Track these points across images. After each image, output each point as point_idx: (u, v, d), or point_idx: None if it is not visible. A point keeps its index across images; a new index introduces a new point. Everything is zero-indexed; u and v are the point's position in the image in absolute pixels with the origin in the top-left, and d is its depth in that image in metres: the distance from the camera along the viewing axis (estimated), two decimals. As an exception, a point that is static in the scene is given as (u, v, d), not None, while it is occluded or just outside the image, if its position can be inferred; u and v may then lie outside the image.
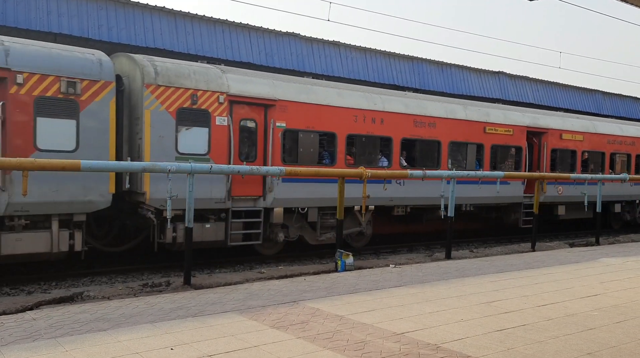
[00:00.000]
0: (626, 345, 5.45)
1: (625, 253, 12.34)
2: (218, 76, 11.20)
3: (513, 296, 7.53)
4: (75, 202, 9.55)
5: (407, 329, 5.78)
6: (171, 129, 10.48)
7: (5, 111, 8.89)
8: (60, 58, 9.56)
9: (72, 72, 9.53)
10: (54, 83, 9.32)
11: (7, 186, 8.94)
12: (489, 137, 15.67)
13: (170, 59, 11.43)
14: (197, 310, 6.39)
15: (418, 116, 14.17)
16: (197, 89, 10.78)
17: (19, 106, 9.03)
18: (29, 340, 5.18)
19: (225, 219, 11.27)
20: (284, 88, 12.06)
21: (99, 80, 9.77)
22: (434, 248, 15.08)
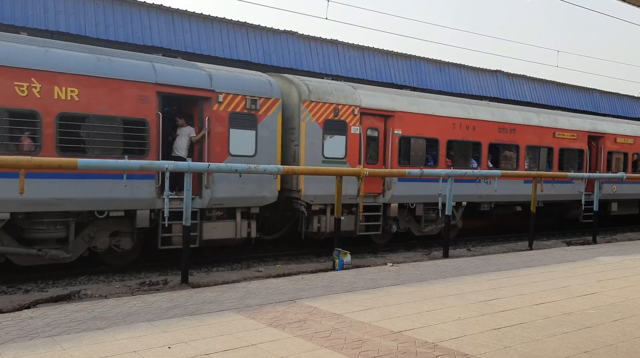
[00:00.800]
0: (623, 343, 5.47)
1: (622, 252, 12.37)
2: (352, 92, 13.37)
3: (510, 294, 7.54)
4: (253, 197, 11.73)
5: (404, 327, 5.79)
6: (319, 137, 12.60)
7: (210, 124, 11.06)
8: (245, 80, 11.73)
9: (253, 91, 11.70)
10: (241, 101, 11.50)
11: (210, 185, 11.00)
12: (558, 141, 17.70)
13: (316, 79, 13.66)
14: (194, 309, 6.39)
15: (501, 123, 16.14)
16: (338, 103, 12.95)
17: (219, 119, 11.19)
18: (26, 338, 5.18)
19: (355, 213, 13.20)
20: (399, 101, 14.11)
21: (271, 97, 11.92)
22: (432, 247, 15.10)
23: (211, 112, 11.08)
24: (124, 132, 10.07)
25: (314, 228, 12.74)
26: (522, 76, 24.37)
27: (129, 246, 10.80)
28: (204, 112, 11.15)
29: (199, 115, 11.25)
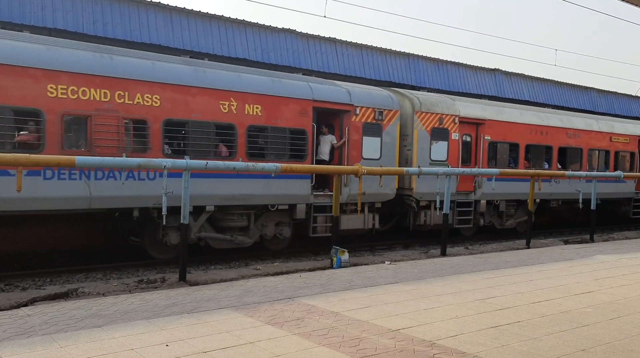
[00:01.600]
0: (620, 342, 5.48)
1: (619, 250, 12.40)
2: (452, 104, 15.46)
3: (508, 293, 7.56)
4: (378, 194, 13.68)
5: (402, 325, 5.80)
6: (427, 142, 14.74)
7: (349, 133, 13.35)
8: (373, 95, 13.96)
9: (380, 104, 13.94)
10: (371, 113, 13.74)
11: (348, 183, 13.15)
12: (613, 145, 19.67)
13: (422, 92, 16.20)
14: (192, 307, 6.39)
15: (568, 129, 18.17)
16: (442, 113, 15.06)
17: (355, 129, 13.47)
18: (24, 336, 5.17)
19: (453, 208, 14.89)
20: (488, 111, 16.31)
21: (392, 109, 14.14)
22: (430, 245, 15.12)
23: (350, 123, 13.44)
24: (290, 141, 12.38)
25: (421, 221, 14.99)
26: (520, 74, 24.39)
27: (288, 234, 13.10)
28: (344, 123, 13.49)
29: (340, 125, 13.62)
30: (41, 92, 9.49)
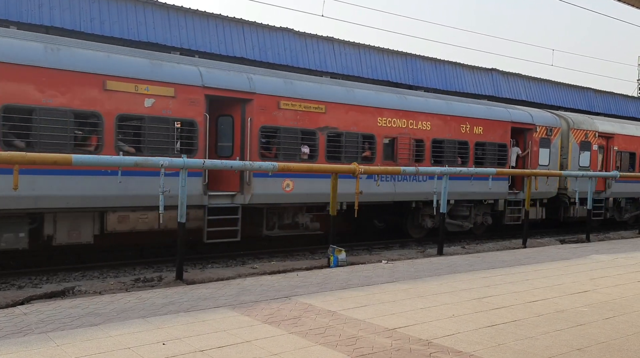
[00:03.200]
0: (615, 341, 5.51)
1: (615, 250, 12.44)
2: (592, 122, 19.28)
3: (504, 292, 7.58)
4: (547, 192, 17.52)
5: (398, 324, 5.81)
6: (577, 152, 18.50)
7: (530, 146, 17.09)
8: (546, 117, 17.87)
9: (549, 123, 17.76)
10: (544, 130, 17.50)
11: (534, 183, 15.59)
12: None
13: (571, 113, 20.09)
14: (189, 305, 6.39)
15: None
16: (587, 129, 18.82)
17: (535, 143, 17.25)
18: (20, 334, 5.16)
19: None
20: (616, 126, 20.18)
21: (557, 127, 17.94)
22: (426, 244, 15.14)
23: (531, 138, 17.18)
24: (498, 153, 16.27)
25: (570, 214, 18.58)
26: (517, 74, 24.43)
27: (490, 221, 16.77)
28: (527, 138, 17.20)
29: (524, 139, 17.25)
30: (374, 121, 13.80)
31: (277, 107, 12.06)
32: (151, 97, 10.32)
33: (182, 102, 10.72)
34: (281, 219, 13.06)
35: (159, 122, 10.40)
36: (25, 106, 9.02)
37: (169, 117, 10.52)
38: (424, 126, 14.74)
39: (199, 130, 10.88)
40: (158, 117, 10.37)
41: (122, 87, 10.01)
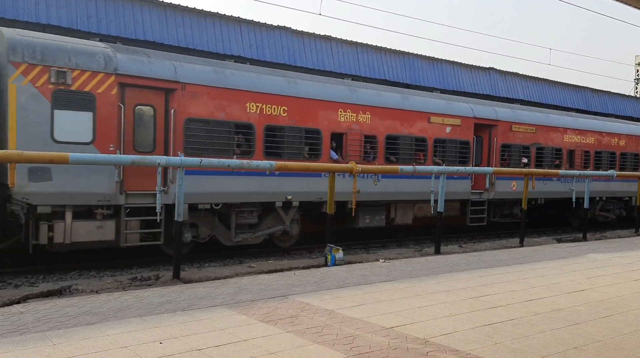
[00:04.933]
0: (612, 340, 5.52)
1: (611, 249, 12.47)
2: None
3: (501, 291, 7.59)
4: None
5: (396, 323, 5.81)
6: None
7: None
8: None
9: None
10: None
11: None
12: None
13: None
14: (186, 304, 6.38)
15: None
16: None
17: None
18: (16, 333, 5.15)
19: None
20: None
21: None
22: (424, 243, 15.16)
23: None
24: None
25: None
26: (515, 73, 24.45)
27: (624, 215, 20.15)
28: None
29: None
30: None
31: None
32: (449, 126, 15.27)
33: (464, 128, 15.53)
34: None
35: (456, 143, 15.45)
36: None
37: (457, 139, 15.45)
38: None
39: (470, 148, 15.71)
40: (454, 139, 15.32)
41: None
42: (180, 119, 10.73)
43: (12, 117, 9.07)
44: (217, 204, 11.34)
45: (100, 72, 9.86)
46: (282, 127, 12.12)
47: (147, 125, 10.52)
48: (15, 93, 9.08)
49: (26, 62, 9.18)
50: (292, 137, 12.30)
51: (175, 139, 10.69)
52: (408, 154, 14.42)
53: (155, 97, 10.61)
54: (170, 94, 10.73)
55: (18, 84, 9.11)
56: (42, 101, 9.35)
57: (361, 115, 13.45)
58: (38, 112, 9.30)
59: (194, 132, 10.93)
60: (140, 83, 10.36)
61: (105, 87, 9.92)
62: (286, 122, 12.18)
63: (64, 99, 9.53)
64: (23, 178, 9.03)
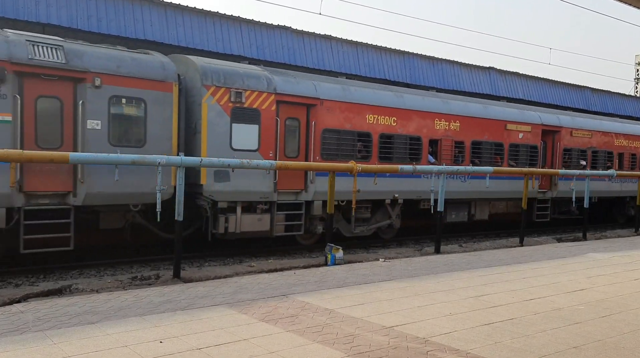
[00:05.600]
0: (611, 339, 5.53)
1: (611, 248, 12.48)
2: None
3: (501, 290, 7.60)
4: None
5: (396, 323, 5.82)
6: None
7: None
8: None
9: None
10: None
11: None
12: None
13: None
14: (186, 304, 6.39)
15: None
16: None
17: None
18: (17, 333, 5.15)
19: None
20: None
21: None
22: (424, 243, 15.16)
23: None
24: None
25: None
26: (515, 73, 24.44)
27: None
28: None
29: None
30: None
31: None
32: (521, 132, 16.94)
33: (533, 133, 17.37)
34: None
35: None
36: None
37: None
38: None
39: (538, 151, 17.40)
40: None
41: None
42: (319, 130, 12.68)
43: (204, 129, 10.98)
44: (343, 201, 13.06)
45: (264, 92, 11.77)
46: (393, 135, 14.02)
47: (294, 135, 12.49)
48: (206, 110, 11.01)
49: (214, 85, 11.11)
50: (400, 143, 14.18)
51: (314, 147, 12.58)
52: (488, 158, 16.21)
53: (300, 112, 12.57)
54: (311, 109, 12.63)
55: (209, 103, 11.06)
56: (224, 116, 11.26)
57: (452, 123, 15.31)
58: (221, 125, 11.21)
59: (328, 140, 12.83)
60: (291, 100, 12.23)
61: (267, 104, 11.84)
62: (395, 131, 14.07)
63: (239, 115, 11.45)
64: (210, 179, 11.01)
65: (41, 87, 9.43)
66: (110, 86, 9.93)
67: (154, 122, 10.36)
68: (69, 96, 9.65)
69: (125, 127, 10.19)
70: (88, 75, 9.69)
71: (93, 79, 9.76)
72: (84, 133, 9.74)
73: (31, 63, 9.19)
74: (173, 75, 10.66)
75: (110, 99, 9.96)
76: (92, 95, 9.75)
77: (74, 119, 9.69)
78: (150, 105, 10.34)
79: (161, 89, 10.45)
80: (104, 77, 9.85)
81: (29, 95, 9.29)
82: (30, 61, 9.19)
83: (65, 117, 9.66)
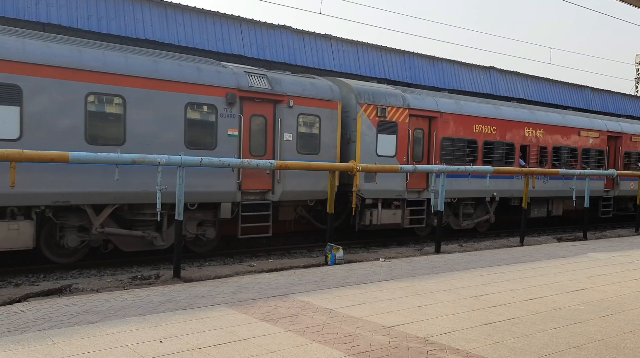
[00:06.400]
0: (612, 339, 5.52)
1: (612, 248, 12.47)
2: None
3: (501, 290, 7.59)
4: None
5: (396, 322, 5.81)
6: None
7: None
8: None
9: None
10: None
11: None
12: None
13: None
14: (186, 303, 6.38)
15: None
16: None
17: None
18: (17, 332, 5.15)
19: None
20: None
21: None
22: (424, 242, 15.16)
23: None
24: None
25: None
26: (515, 72, 24.44)
27: None
28: None
29: None
30: None
31: None
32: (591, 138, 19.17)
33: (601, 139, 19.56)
34: None
35: None
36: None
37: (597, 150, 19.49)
38: None
39: (604, 155, 19.44)
40: None
41: None
42: (439, 138, 14.97)
43: (358, 139, 13.37)
44: (455, 198, 15.46)
45: (400, 107, 14.12)
46: (493, 142, 16.31)
47: (419, 143, 14.84)
48: (360, 124, 13.41)
49: (366, 103, 13.49)
50: (498, 149, 16.49)
51: (435, 152, 14.83)
52: (566, 161, 18.28)
53: (424, 123, 14.90)
54: (433, 121, 14.96)
55: (362, 118, 13.45)
56: (372, 128, 13.64)
57: (538, 131, 17.54)
58: (370, 136, 13.59)
59: (445, 147, 15.11)
60: (419, 114, 14.57)
61: (402, 118, 14.19)
62: (495, 138, 16.39)
63: (382, 127, 13.80)
64: (362, 180, 13.32)
65: (254, 108, 11.84)
66: (299, 106, 12.37)
67: (325, 134, 12.83)
68: (271, 114, 12.07)
69: (306, 138, 12.59)
70: (284, 97, 12.08)
71: (288, 101, 12.14)
72: (280, 144, 12.06)
73: (250, 89, 11.56)
74: (338, 95, 13.15)
75: (298, 116, 12.38)
76: (287, 113, 12.17)
77: (274, 133, 12.09)
78: (323, 120, 12.80)
79: (330, 107, 12.99)
80: (294, 99, 12.25)
81: (246, 114, 11.70)
82: (249, 88, 11.56)
83: (268, 131, 12.07)
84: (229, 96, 11.17)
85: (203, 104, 10.99)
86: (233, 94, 11.19)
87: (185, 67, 10.84)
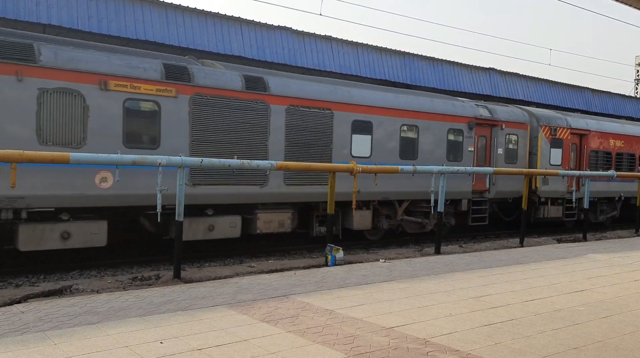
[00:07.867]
0: (612, 340, 5.53)
1: (611, 249, 12.48)
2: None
3: (501, 291, 7.60)
4: None
5: (396, 323, 5.82)
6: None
7: None
8: None
9: None
10: None
11: None
12: None
13: None
14: (187, 304, 6.39)
15: None
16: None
17: None
18: (17, 333, 5.15)
19: None
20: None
21: None
22: (424, 243, 15.17)
23: None
24: None
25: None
26: (515, 73, 24.46)
27: None
28: None
29: None
30: None
31: None
32: None
33: None
34: None
35: None
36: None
37: None
38: None
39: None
40: None
41: None
42: (587, 151, 19.00)
43: (539, 152, 17.58)
44: (595, 198, 19.25)
45: (565, 127, 18.38)
46: (622, 153, 20.33)
47: (575, 154, 18.67)
48: (540, 140, 17.64)
49: (544, 125, 17.74)
50: (625, 158, 20.48)
51: (585, 162, 18.77)
52: None
53: (577, 139, 18.98)
54: (583, 137, 19.03)
55: (541, 136, 17.66)
56: (547, 144, 17.88)
57: None
58: (546, 149, 17.77)
59: (592, 158, 19.14)
60: (575, 132, 18.57)
61: (566, 135, 18.37)
62: (623, 150, 20.43)
63: (554, 143, 18.02)
64: (540, 183, 17.52)
65: (480, 131, 16.27)
66: (507, 128, 16.80)
67: (520, 148, 17.25)
68: (489, 135, 16.48)
69: (509, 152, 16.95)
70: (499, 123, 16.54)
71: (501, 125, 16.59)
72: (495, 156, 16.53)
73: (480, 118, 16.03)
74: (527, 120, 17.56)
75: (506, 136, 16.83)
76: (499, 134, 16.60)
77: (492, 148, 16.50)
78: (519, 138, 17.27)
79: (523, 128, 17.47)
80: (505, 124, 16.74)
81: (476, 135, 16.08)
82: (480, 116, 16.03)
83: (487, 147, 16.52)
84: (470, 123, 15.73)
85: (457, 129, 15.52)
86: (472, 122, 15.75)
87: (447, 104, 15.43)
